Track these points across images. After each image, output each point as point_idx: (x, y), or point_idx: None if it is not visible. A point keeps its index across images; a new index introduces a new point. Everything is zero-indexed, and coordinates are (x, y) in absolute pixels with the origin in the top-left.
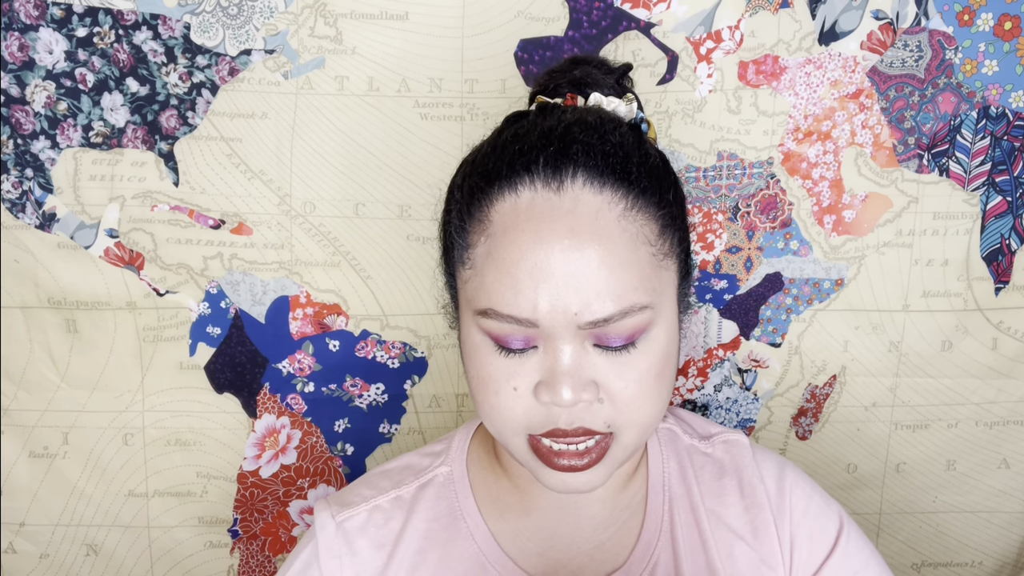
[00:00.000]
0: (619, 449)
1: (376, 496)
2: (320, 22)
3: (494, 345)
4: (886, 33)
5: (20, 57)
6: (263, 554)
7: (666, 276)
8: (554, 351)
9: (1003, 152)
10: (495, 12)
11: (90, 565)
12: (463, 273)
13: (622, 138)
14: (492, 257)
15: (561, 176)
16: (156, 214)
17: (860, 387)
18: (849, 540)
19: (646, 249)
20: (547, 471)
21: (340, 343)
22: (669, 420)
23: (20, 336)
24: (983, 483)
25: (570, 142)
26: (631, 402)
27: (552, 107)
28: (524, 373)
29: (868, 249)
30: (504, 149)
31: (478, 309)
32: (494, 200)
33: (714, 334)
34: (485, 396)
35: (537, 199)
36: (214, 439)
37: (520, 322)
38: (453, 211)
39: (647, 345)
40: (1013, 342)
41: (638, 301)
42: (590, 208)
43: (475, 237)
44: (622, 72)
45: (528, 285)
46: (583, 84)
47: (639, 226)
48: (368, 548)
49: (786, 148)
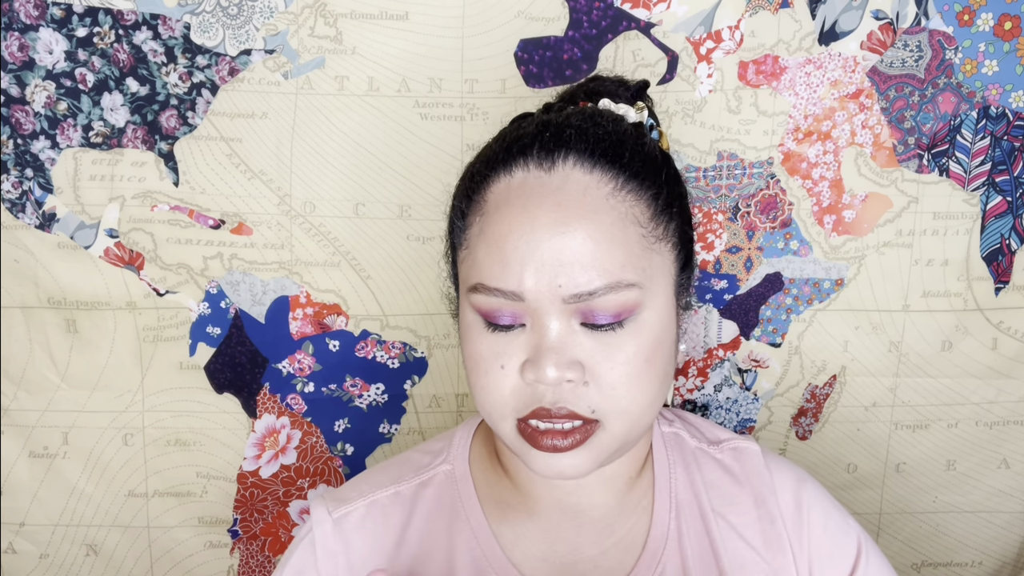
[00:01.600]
0: (606, 437)
1: (374, 491)
2: (320, 22)
3: (484, 323)
4: (886, 33)
5: (20, 57)
6: (263, 554)
7: (658, 260)
8: (540, 328)
9: (1003, 152)
10: (495, 12)
11: (90, 565)
12: (460, 255)
13: (617, 128)
14: (484, 234)
15: (553, 157)
16: (156, 214)
17: (860, 387)
18: (869, 562)
19: (636, 230)
20: (533, 452)
21: (340, 343)
22: (675, 424)
23: (20, 336)
24: (983, 483)
25: (565, 127)
26: (617, 386)
27: (556, 105)
28: (511, 352)
29: (868, 249)
30: (505, 139)
31: (469, 285)
32: (490, 182)
33: (714, 334)
34: (476, 377)
35: (529, 178)
36: (214, 439)
37: (506, 295)
38: (456, 198)
39: (635, 327)
40: (1013, 342)
41: (625, 278)
42: (578, 186)
43: (472, 218)
44: (638, 87)
45: (515, 258)
46: (596, 93)
47: (628, 206)
48: (366, 547)
49: (786, 148)
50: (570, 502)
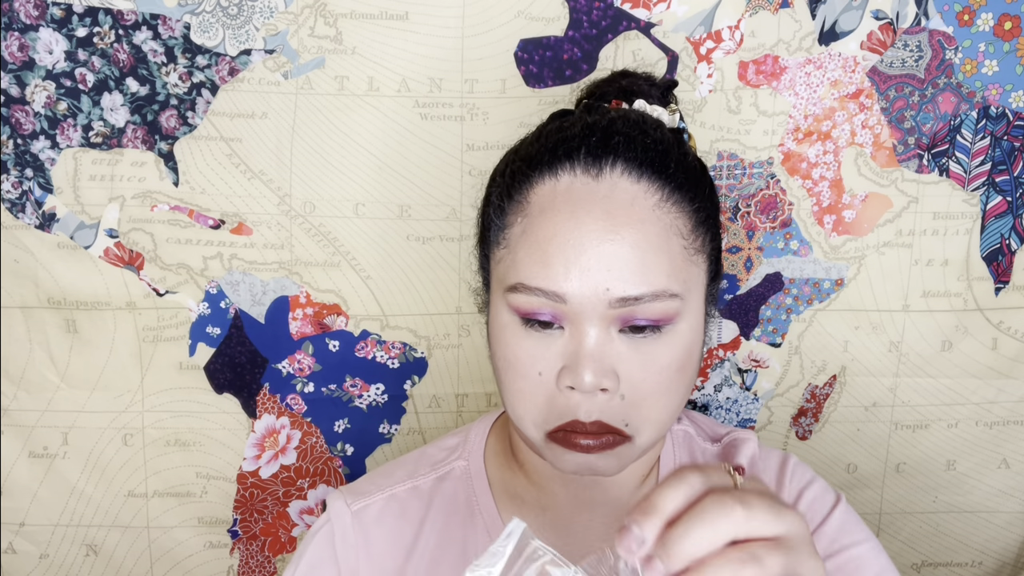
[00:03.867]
0: (635, 449)
1: (392, 485)
2: (320, 22)
3: (521, 323)
4: (886, 33)
5: (20, 57)
6: (263, 554)
7: (696, 272)
8: (579, 334)
9: (1003, 152)
10: (495, 12)
11: (90, 565)
12: (497, 253)
13: (662, 136)
14: (527, 235)
15: (601, 164)
16: (156, 214)
17: (860, 387)
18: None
19: (678, 241)
20: (562, 451)
21: (340, 343)
22: (684, 422)
23: (20, 336)
24: (983, 483)
25: (612, 134)
26: (649, 396)
27: (597, 106)
28: (549, 358)
29: (868, 249)
30: (548, 138)
31: (508, 285)
32: (534, 183)
33: (714, 334)
34: (511, 379)
35: (576, 183)
36: (214, 439)
37: (548, 295)
38: (493, 194)
39: (672, 337)
40: (1013, 342)
41: (669, 287)
42: (626, 195)
43: (512, 218)
44: (667, 85)
45: (559, 260)
46: (629, 92)
47: (673, 217)
48: (385, 540)
49: (786, 148)
50: (584, 497)
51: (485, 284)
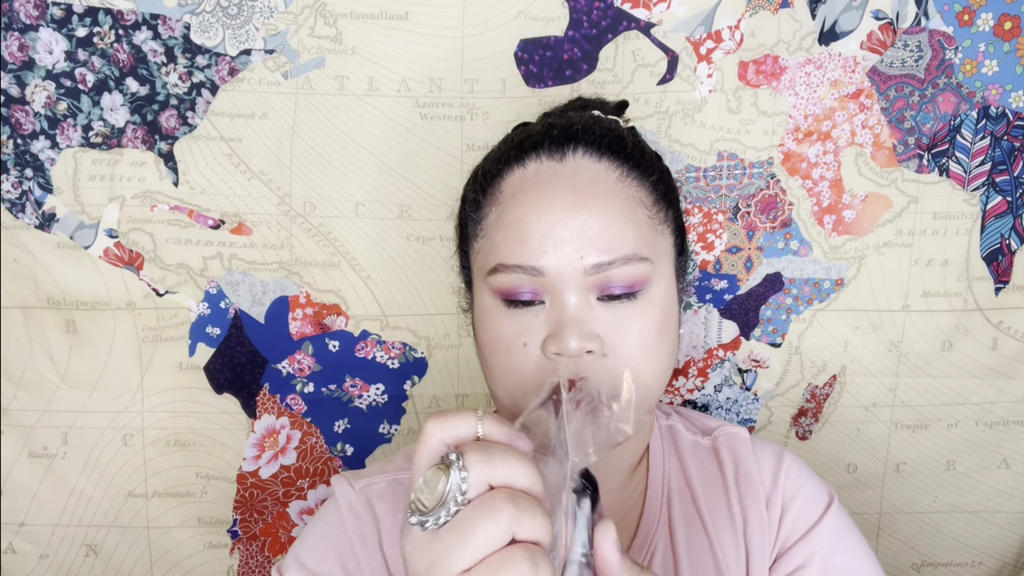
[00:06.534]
0: None
1: (394, 471)
2: (320, 22)
3: (503, 304)
4: (886, 33)
5: (20, 57)
6: (263, 555)
7: (663, 241)
8: (560, 303)
9: (1003, 152)
10: (495, 12)
11: (90, 565)
12: (475, 245)
13: (617, 126)
14: (502, 219)
15: (564, 150)
16: (156, 214)
17: (860, 387)
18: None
19: (643, 211)
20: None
21: (340, 343)
22: (672, 417)
23: (20, 336)
24: (983, 483)
25: (572, 125)
26: (632, 355)
27: (557, 112)
28: (533, 330)
29: (868, 249)
30: (513, 139)
31: (488, 269)
32: (504, 175)
33: (714, 334)
34: (497, 357)
35: (543, 168)
36: (214, 439)
37: (526, 271)
38: (468, 193)
39: (647, 300)
40: (1013, 342)
41: (638, 251)
42: (589, 172)
43: (487, 209)
44: (619, 104)
45: (534, 236)
46: (584, 107)
47: (634, 190)
48: (390, 516)
49: (786, 148)
50: None
51: (467, 283)
